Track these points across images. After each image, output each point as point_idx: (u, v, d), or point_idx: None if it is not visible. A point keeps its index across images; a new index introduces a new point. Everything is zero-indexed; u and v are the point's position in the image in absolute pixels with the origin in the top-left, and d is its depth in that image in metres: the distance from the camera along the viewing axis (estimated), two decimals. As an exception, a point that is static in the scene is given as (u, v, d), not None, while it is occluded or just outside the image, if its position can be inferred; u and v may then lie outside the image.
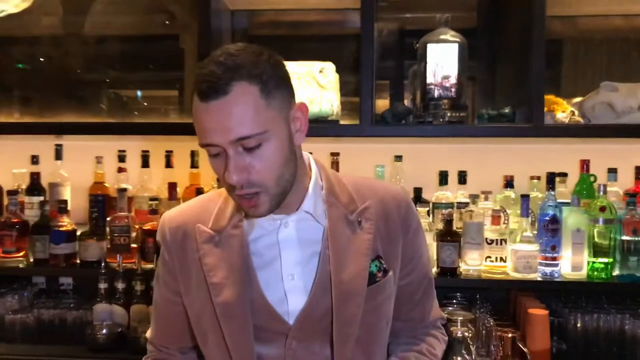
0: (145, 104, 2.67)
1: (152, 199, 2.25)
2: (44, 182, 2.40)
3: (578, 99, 2.23)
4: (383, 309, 1.24)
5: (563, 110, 2.12)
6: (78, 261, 2.25)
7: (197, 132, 1.10)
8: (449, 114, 2.08)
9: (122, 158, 2.40)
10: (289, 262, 1.20)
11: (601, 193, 2.09)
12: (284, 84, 1.12)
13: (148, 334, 1.38)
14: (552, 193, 2.10)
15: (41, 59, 2.59)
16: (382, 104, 2.51)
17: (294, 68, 2.16)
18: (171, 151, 2.38)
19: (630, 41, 2.45)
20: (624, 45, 2.45)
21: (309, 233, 1.21)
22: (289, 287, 1.19)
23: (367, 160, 2.40)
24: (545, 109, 2.10)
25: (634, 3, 2.27)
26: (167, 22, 2.60)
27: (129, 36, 2.57)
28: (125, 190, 2.28)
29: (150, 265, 2.18)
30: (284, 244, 1.20)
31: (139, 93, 2.66)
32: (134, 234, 2.26)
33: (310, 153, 1.29)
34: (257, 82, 1.06)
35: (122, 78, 2.62)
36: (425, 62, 2.09)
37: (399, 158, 2.30)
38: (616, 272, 2.06)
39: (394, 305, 1.28)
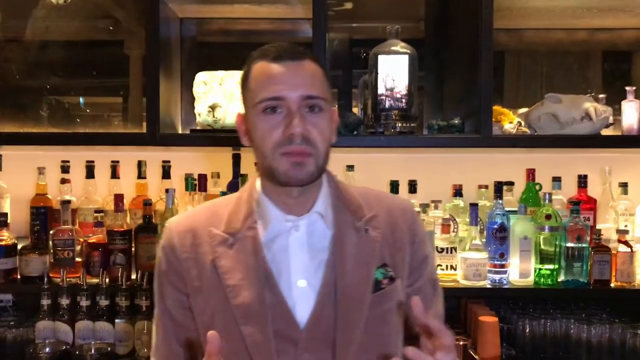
0: (87, 110, 2.60)
1: (97, 211, 2.18)
2: (-18, 194, 2.29)
3: (523, 110, 2.29)
4: (390, 317, 1.23)
5: (510, 121, 2.18)
6: (19, 277, 2.15)
7: (260, 89, 1.16)
8: (399, 125, 2.10)
9: (65, 169, 2.30)
10: (298, 268, 1.20)
11: (546, 201, 2.15)
12: (330, 87, 1.25)
13: (152, 355, 1.30)
14: (500, 202, 2.15)
15: (-23, 65, 2.48)
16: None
17: (244, 77, 2.14)
18: (117, 161, 2.31)
19: (572, 54, 2.54)
20: (565, 57, 2.54)
21: (318, 239, 1.22)
22: (298, 294, 1.19)
23: (319, 170, 2.39)
24: (493, 119, 2.14)
25: (575, 18, 2.35)
26: (111, 28, 2.54)
27: (72, 42, 2.48)
28: (69, 202, 2.19)
29: (95, 280, 2.10)
30: (294, 249, 1.21)
31: (81, 100, 2.58)
32: (78, 248, 2.17)
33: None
34: (320, 65, 1.21)
35: (64, 84, 2.53)
36: (376, 73, 2.10)
37: (350, 168, 2.30)
38: (561, 278, 2.12)
39: (406, 318, 1.26)
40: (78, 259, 2.17)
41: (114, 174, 2.31)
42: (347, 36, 2.56)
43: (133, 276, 2.16)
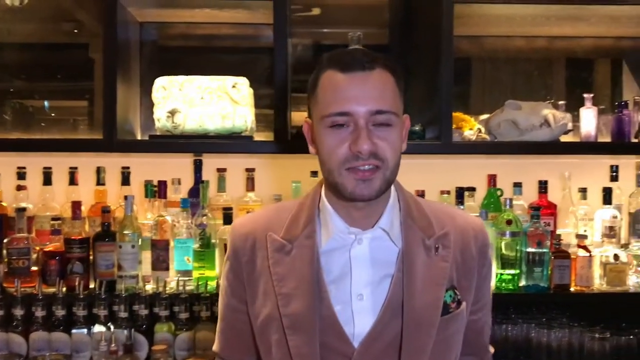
0: (52, 114, 2.54)
1: (55, 218, 2.13)
2: None
3: (485, 116, 2.31)
4: (453, 341, 1.20)
5: (470, 128, 2.19)
6: (-29, 287, 2.09)
7: (328, 102, 1.13)
8: (362, 131, 2.09)
9: (21, 175, 2.25)
10: (359, 282, 1.15)
11: (507, 207, 2.17)
12: (404, 91, 1.20)
13: (214, 347, 1.33)
14: (462, 207, 2.16)
15: None
16: (303, 116, 2.50)
17: (206, 82, 2.11)
18: (75, 168, 2.26)
19: (532, 61, 2.57)
20: (526, 64, 2.57)
21: (383, 253, 1.18)
22: (357, 308, 1.15)
23: (283, 175, 2.38)
24: (454, 125, 2.16)
25: (534, 25, 2.38)
26: (75, 31, 2.50)
27: (35, 44, 2.45)
28: (24, 209, 2.13)
29: (52, 289, 2.05)
30: (356, 262, 1.17)
31: (46, 103, 2.52)
32: (34, 256, 2.12)
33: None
34: (392, 73, 1.16)
35: (28, 88, 2.48)
36: (338, 79, 2.09)
37: (314, 174, 2.29)
38: (522, 283, 2.14)
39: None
40: (34, 268, 2.11)
41: (72, 181, 2.26)
42: (315, 42, 2.56)
43: (91, 285, 2.11)
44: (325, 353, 1.14)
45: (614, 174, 2.32)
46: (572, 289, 2.13)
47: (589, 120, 2.24)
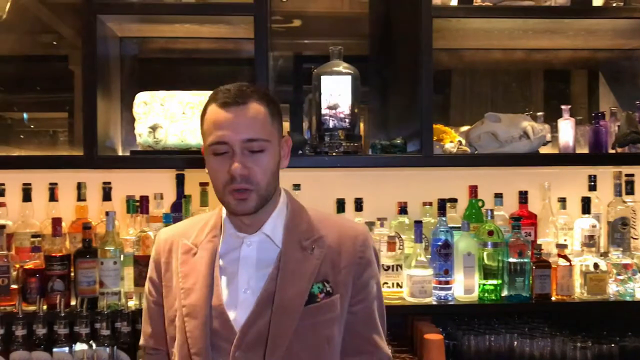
0: (32, 126, 2.52)
1: (35, 235, 2.10)
2: None
3: (465, 127, 2.33)
4: (323, 329, 1.36)
5: (451, 140, 2.21)
6: (-51, 306, 2.05)
7: (209, 133, 1.33)
8: (344, 145, 2.11)
9: (0, 191, 2.22)
10: (244, 278, 1.37)
11: (489, 217, 2.18)
12: (280, 117, 1.41)
13: (141, 341, 1.54)
14: (444, 219, 2.17)
15: None
16: (284, 126, 2.51)
17: (187, 97, 2.11)
18: (55, 183, 2.24)
19: (511, 73, 2.60)
20: (505, 76, 2.60)
21: (266, 254, 1.39)
22: (241, 300, 1.36)
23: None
24: (435, 137, 2.18)
25: (512, 39, 2.41)
26: (55, 43, 2.48)
27: (14, 57, 2.43)
28: (3, 226, 2.11)
29: (32, 308, 2.02)
30: (244, 261, 1.38)
31: (25, 115, 2.50)
32: (14, 274, 2.09)
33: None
34: (265, 105, 1.35)
35: (6, 100, 2.46)
36: (320, 93, 2.11)
37: (297, 187, 2.29)
38: (505, 293, 2.15)
39: (344, 338, 1.39)
40: (14, 286, 2.09)
41: (52, 197, 2.24)
42: (296, 53, 2.57)
43: (72, 302, 2.09)
44: (215, 338, 1.35)
45: (592, 183, 2.36)
46: (553, 298, 2.15)
47: (567, 132, 2.27)
